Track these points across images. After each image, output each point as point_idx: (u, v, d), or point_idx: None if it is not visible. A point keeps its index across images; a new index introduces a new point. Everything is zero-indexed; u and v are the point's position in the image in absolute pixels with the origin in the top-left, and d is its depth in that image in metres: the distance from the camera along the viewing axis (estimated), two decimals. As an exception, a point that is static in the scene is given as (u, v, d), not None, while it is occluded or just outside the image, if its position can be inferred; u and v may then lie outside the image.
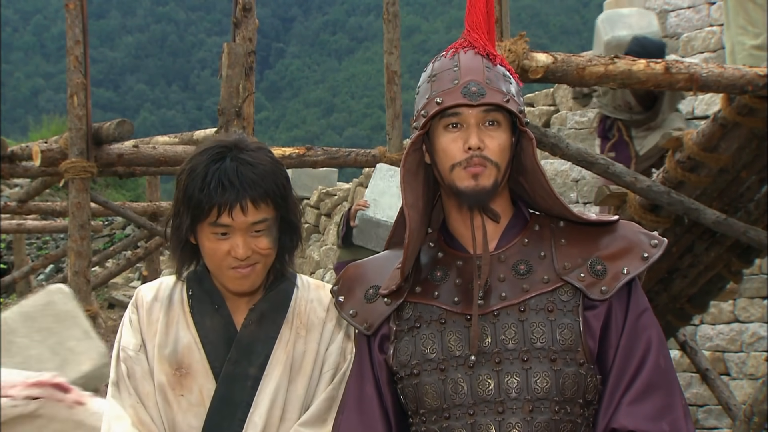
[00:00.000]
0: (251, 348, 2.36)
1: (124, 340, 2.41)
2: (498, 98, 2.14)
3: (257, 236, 2.29)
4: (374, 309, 2.25)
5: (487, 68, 2.18)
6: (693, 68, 4.62)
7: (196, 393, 2.34)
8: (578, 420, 2.13)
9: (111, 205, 8.19)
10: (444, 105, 2.14)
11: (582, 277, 2.16)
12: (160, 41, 47.85)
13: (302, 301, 2.43)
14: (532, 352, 2.12)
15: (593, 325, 2.15)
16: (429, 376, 2.17)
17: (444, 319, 2.19)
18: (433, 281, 2.23)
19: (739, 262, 6.11)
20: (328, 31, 47.98)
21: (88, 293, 6.02)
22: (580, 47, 26.48)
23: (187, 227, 2.30)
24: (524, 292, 2.16)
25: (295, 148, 7.02)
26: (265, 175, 2.29)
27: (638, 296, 2.18)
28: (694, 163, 5.22)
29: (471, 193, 2.14)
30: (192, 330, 2.38)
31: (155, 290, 2.45)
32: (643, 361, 2.12)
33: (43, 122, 19.25)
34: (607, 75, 4.48)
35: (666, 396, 2.12)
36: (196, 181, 2.27)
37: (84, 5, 6.15)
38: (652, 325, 2.17)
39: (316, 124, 40.45)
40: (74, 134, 6.03)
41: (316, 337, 2.41)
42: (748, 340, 9.03)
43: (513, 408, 2.11)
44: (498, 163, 2.14)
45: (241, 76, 4.94)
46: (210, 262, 2.33)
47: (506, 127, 2.16)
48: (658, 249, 2.19)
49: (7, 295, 13.19)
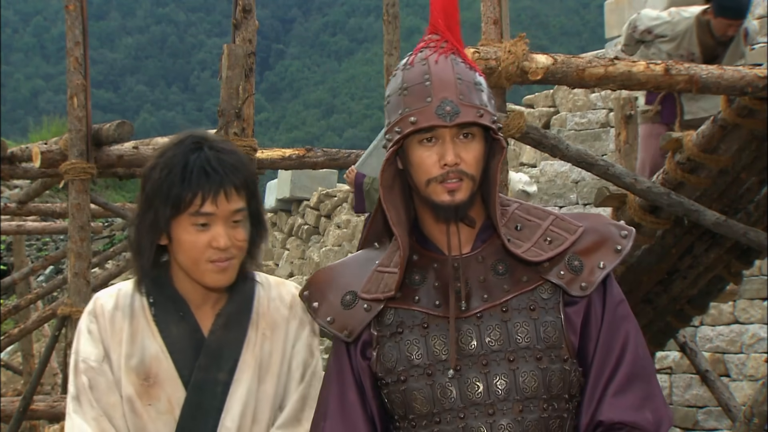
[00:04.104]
0: (220, 353, 2.34)
1: (84, 350, 2.34)
2: (472, 115, 2.12)
3: (235, 227, 2.27)
4: (353, 315, 2.22)
5: (459, 79, 2.15)
6: (693, 70, 4.63)
7: (164, 401, 2.31)
8: (564, 415, 2.15)
9: (111, 206, 8.19)
10: (418, 126, 2.12)
11: (561, 275, 2.16)
12: (160, 42, 47.85)
13: (265, 300, 2.41)
14: (518, 351, 2.13)
15: (574, 321, 2.17)
16: (416, 381, 2.16)
17: (426, 323, 2.18)
18: (412, 285, 2.21)
19: (739, 263, 6.12)
20: (327, 33, 47.99)
21: (88, 295, 6.01)
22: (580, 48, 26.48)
23: (165, 222, 2.25)
24: (505, 292, 2.17)
25: (294, 149, 7.01)
26: (243, 163, 2.29)
27: (613, 288, 2.20)
28: (694, 164, 5.22)
29: (448, 208, 2.14)
30: (158, 339, 2.33)
31: (114, 298, 2.38)
32: (623, 353, 2.15)
33: (42, 123, 19.23)
34: (607, 76, 4.48)
35: (646, 385, 2.15)
36: (174, 172, 2.23)
37: (84, 6, 6.15)
38: (628, 315, 2.20)
39: (316, 125, 40.46)
40: (74, 135, 6.02)
41: (281, 336, 2.39)
42: (748, 341, 9.03)
43: (503, 409, 2.12)
44: (473, 175, 2.14)
45: (241, 77, 4.93)
46: (187, 257, 2.28)
47: (480, 138, 2.16)
48: (629, 240, 2.21)
49: (6, 296, 13.19)
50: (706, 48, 6.54)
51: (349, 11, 48.41)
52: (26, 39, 46.86)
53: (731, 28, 6.44)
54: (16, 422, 7.22)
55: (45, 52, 45.63)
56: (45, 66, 44.54)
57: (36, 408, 7.42)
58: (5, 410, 7.59)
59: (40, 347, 11.54)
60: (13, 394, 11.79)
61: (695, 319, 7.81)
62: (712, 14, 6.42)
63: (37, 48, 46.33)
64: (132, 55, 47.21)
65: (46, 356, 7.09)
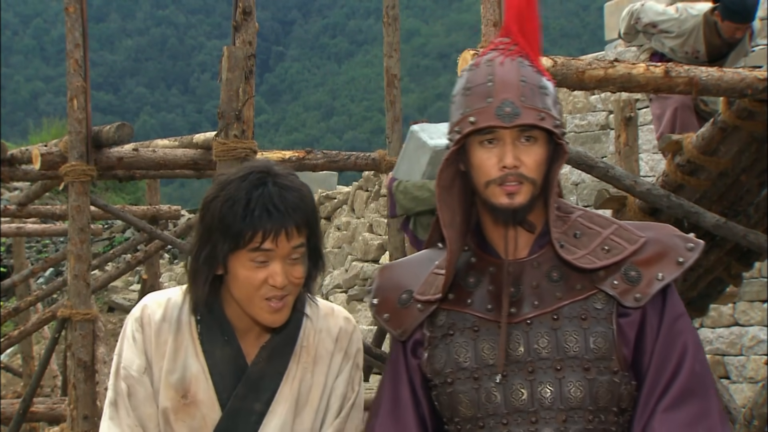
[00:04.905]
0: (259, 384, 2.31)
1: (127, 358, 2.32)
2: (532, 117, 2.09)
3: (293, 264, 2.22)
4: (408, 314, 2.23)
5: (523, 82, 2.11)
6: (692, 72, 4.62)
7: (198, 419, 2.29)
8: (612, 428, 2.11)
9: (111, 208, 8.19)
10: (477, 126, 2.10)
11: (615, 285, 2.12)
12: (160, 44, 47.86)
13: (311, 332, 2.36)
14: (566, 360, 2.10)
15: (627, 333, 2.12)
16: (463, 384, 2.15)
17: (477, 326, 2.16)
18: (467, 288, 2.20)
19: (739, 265, 6.11)
20: (327, 35, 48.01)
21: (87, 296, 6.01)
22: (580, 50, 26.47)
23: (224, 256, 2.20)
24: (557, 299, 2.13)
25: (294, 151, 7.01)
26: (304, 199, 2.24)
27: (674, 301, 2.15)
28: (694, 166, 5.22)
29: (506, 211, 2.11)
30: (201, 359, 2.30)
31: (163, 308, 2.34)
32: (679, 367, 2.09)
33: (42, 125, 19.23)
34: (607, 78, 4.48)
35: (702, 402, 2.09)
36: (237, 208, 2.18)
37: (84, 8, 6.14)
38: (688, 330, 2.14)
39: (316, 127, 40.47)
40: (74, 137, 6.02)
41: (323, 369, 2.35)
42: (748, 343, 9.03)
43: (546, 418, 2.09)
44: (534, 179, 2.11)
45: (241, 79, 4.93)
46: (242, 292, 2.23)
47: (543, 142, 2.12)
48: (694, 252, 2.15)
49: (6, 298, 13.19)
50: (712, 47, 6.49)
51: (349, 13, 48.43)
52: (26, 41, 46.86)
53: (739, 31, 6.40)
54: (16, 424, 7.22)
55: (45, 54, 45.63)
56: (45, 68, 44.54)
57: (36, 410, 7.43)
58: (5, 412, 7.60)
59: (39, 349, 11.54)
60: (12, 396, 11.80)
61: (695, 321, 7.81)
62: (719, 16, 6.38)
63: (37, 50, 46.33)
64: (132, 57, 47.21)
65: (45, 358, 7.09)
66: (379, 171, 7.41)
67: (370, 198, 12.86)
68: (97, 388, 5.85)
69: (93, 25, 37.40)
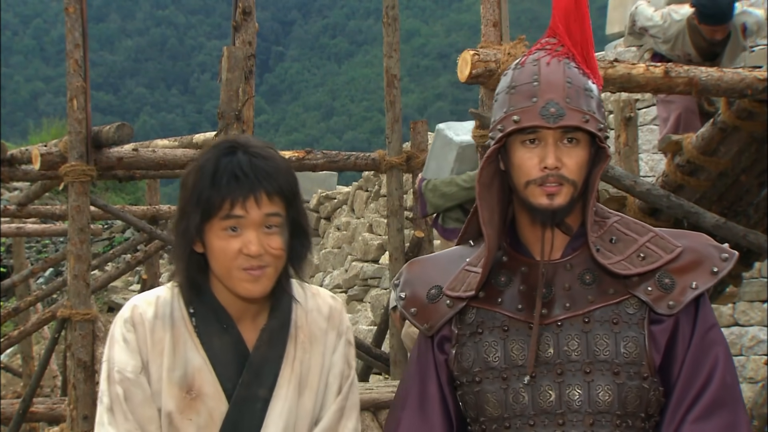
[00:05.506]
0: (262, 369, 2.29)
1: (120, 361, 2.26)
2: (577, 119, 2.08)
3: (269, 234, 2.20)
4: (436, 310, 2.22)
5: (568, 83, 2.11)
6: (692, 72, 4.63)
7: (204, 415, 2.26)
8: None
9: (111, 208, 8.19)
10: (521, 125, 2.09)
11: (649, 291, 2.11)
12: (160, 45, 47.84)
13: (302, 312, 2.35)
14: (595, 364, 2.09)
15: (659, 340, 2.11)
16: (491, 384, 2.14)
17: (507, 326, 2.15)
18: (497, 286, 2.19)
19: (739, 265, 6.11)
20: (327, 35, 47.99)
21: (87, 297, 6.01)
22: (579, 51, 26.44)
23: (196, 226, 2.19)
24: (589, 302, 2.12)
25: (294, 151, 7.01)
26: (278, 169, 2.21)
27: (706, 311, 2.14)
28: (694, 166, 5.22)
29: (545, 211, 2.10)
30: (201, 351, 2.26)
31: (154, 306, 2.29)
32: (710, 378, 2.09)
33: (42, 126, 19.22)
34: (607, 79, 4.48)
35: (731, 414, 2.08)
36: (205, 176, 2.18)
37: (84, 9, 6.14)
38: (720, 341, 2.13)
39: (316, 127, 40.45)
40: (74, 138, 6.02)
41: (320, 349, 2.34)
42: (748, 343, 9.03)
43: (574, 420, 2.08)
44: (575, 180, 2.10)
45: (241, 79, 4.93)
46: (219, 264, 2.21)
47: (585, 144, 2.11)
48: (728, 263, 2.15)
49: (6, 298, 13.19)
50: (700, 49, 6.55)
51: (348, 13, 48.41)
52: (26, 41, 46.84)
53: (717, 33, 6.48)
54: (16, 424, 7.22)
55: (45, 55, 45.61)
56: (45, 68, 44.52)
57: (35, 410, 7.42)
58: (5, 412, 7.59)
59: (39, 349, 11.54)
60: (12, 396, 11.79)
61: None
62: (697, 20, 6.47)
63: (36, 50, 46.31)
64: (132, 58, 47.19)
65: (45, 358, 7.10)
66: (379, 171, 7.41)
67: (369, 198, 12.86)
68: (97, 389, 5.84)
69: (93, 25, 37.38)
